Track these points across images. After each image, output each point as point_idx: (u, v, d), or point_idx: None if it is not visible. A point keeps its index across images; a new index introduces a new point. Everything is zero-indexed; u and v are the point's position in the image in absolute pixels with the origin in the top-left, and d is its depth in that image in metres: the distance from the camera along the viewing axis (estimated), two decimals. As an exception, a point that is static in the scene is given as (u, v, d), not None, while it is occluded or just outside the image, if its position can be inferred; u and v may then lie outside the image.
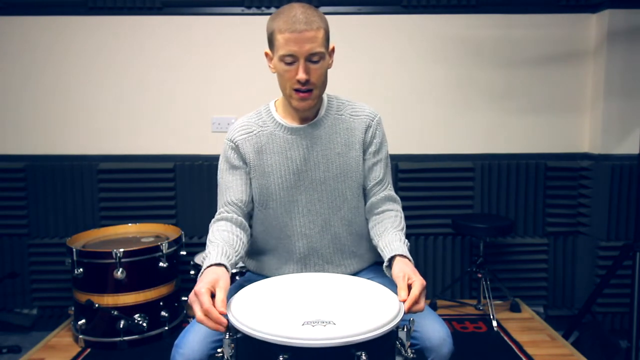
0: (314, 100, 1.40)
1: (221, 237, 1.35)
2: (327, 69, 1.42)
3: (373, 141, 1.51)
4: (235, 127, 1.51)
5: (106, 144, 2.87)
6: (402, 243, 1.38)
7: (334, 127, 1.48)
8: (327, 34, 1.38)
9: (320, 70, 1.37)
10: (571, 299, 2.96)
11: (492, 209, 2.90)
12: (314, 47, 1.32)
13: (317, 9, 1.38)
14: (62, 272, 2.77)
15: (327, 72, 1.42)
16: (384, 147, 1.55)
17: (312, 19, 1.32)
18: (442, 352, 1.29)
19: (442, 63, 2.83)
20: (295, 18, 1.31)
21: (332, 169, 1.47)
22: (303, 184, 1.47)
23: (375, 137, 1.51)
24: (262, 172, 1.47)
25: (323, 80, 1.40)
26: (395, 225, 1.46)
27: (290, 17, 1.31)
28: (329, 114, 1.49)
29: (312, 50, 1.32)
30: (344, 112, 1.51)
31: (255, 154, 1.47)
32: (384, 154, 1.55)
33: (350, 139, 1.48)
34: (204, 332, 1.31)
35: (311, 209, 1.48)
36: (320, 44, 1.34)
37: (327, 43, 1.39)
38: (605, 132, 2.76)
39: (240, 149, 1.48)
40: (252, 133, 1.48)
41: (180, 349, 1.30)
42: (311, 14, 1.33)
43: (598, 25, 2.77)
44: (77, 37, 2.80)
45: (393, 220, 1.48)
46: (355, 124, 1.49)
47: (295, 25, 1.30)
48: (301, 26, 1.30)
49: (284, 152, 1.46)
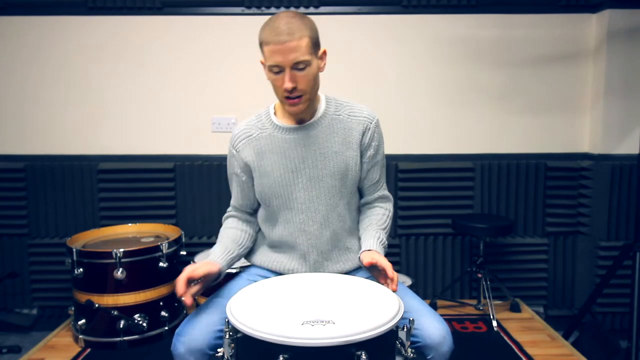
0: (304, 104, 1.45)
1: (227, 234, 1.58)
2: (318, 73, 1.46)
3: (371, 144, 1.54)
4: (236, 131, 1.59)
5: (106, 144, 2.87)
6: (377, 242, 1.48)
7: (331, 126, 1.52)
8: (314, 40, 1.40)
9: (307, 77, 1.40)
10: (571, 299, 2.96)
11: (492, 209, 2.90)
12: (297, 57, 1.36)
13: (303, 15, 1.41)
14: (62, 272, 2.77)
15: (317, 76, 1.46)
16: (382, 149, 1.59)
17: (294, 29, 1.35)
18: (442, 350, 1.30)
19: (442, 63, 2.83)
20: (279, 29, 1.34)
21: (329, 166, 1.51)
22: (301, 181, 1.51)
23: (374, 140, 1.54)
24: (264, 172, 1.53)
25: (312, 85, 1.44)
26: (380, 224, 1.56)
27: (274, 29, 1.35)
28: (327, 115, 1.53)
29: (296, 59, 1.36)
30: (342, 112, 1.54)
31: (256, 157, 1.54)
32: (381, 156, 1.59)
33: (348, 139, 1.52)
34: (205, 321, 1.36)
35: (310, 206, 1.52)
36: (305, 52, 1.37)
37: (315, 49, 1.42)
38: (605, 132, 2.76)
39: (241, 154, 1.56)
40: (252, 137, 1.55)
41: (182, 337, 1.34)
42: (295, 23, 1.36)
43: (598, 25, 2.77)
44: (77, 37, 2.80)
45: (379, 217, 1.58)
46: (353, 124, 1.53)
47: (278, 37, 1.34)
48: (284, 37, 1.34)
49: (283, 152, 1.51)
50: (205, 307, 1.44)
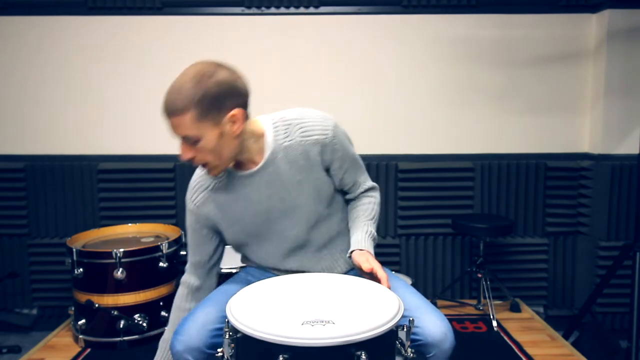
0: (218, 169, 1.33)
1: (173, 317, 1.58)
2: (226, 139, 1.27)
3: (334, 158, 1.42)
4: (192, 184, 1.49)
5: (106, 144, 2.87)
6: (367, 236, 1.44)
7: (287, 157, 1.38)
8: (203, 111, 1.21)
9: (203, 150, 1.26)
10: (571, 299, 2.96)
11: (492, 209, 2.90)
12: (182, 132, 1.24)
13: (203, 77, 1.21)
14: (62, 272, 2.77)
15: (222, 144, 1.27)
16: (348, 153, 1.45)
17: (178, 102, 1.21)
18: (444, 348, 1.28)
19: (442, 63, 2.83)
20: (165, 98, 1.23)
21: (298, 196, 1.42)
22: (275, 216, 1.44)
23: (335, 153, 1.41)
24: (232, 221, 1.45)
25: (215, 156, 1.28)
26: (367, 214, 1.50)
27: (165, 95, 1.24)
28: (278, 146, 1.38)
29: (182, 134, 1.25)
30: (294, 136, 1.38)
31: (219, 210, 1.45)
32: (350, 159, 1.46)
33: (308, 163, 1.40)
34: (202, 320, 1.36)
35: (289, 235, 1.46)
36: (189, 127, 1.22)
37: (208, 119, 1.22)
38: (605, 132, 2.76)
39: (201, 210, 1.46)
40: (209, 188, 1.45)
41: (180, 335, 1.34)
42: (183, 92, 1.20)
43: (598, 25, 2.77)
44: (77, 37, 2.80)
45: (366, 207, 1.52)
46: (309, 146, 1.38)
47: (163, 109, 1.24)
48: (166, 111, 1.24)
49: (246, 197, 1.42)
50: (204, 305, 1.43)
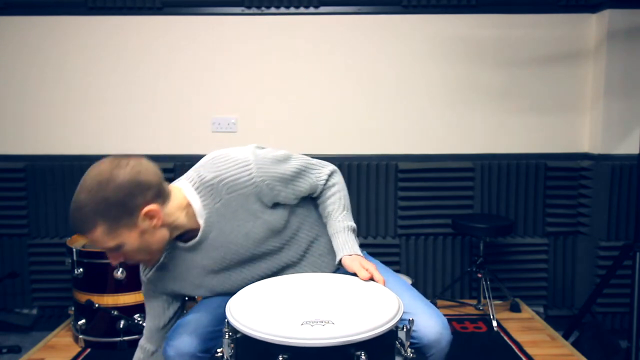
0: (152, 261, 1.32)
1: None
2: (147, 235, 1.20)
3: (275, 193, 1.31)
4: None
5: (106, 144, 2.86)
6: (346, 234, 1.37)
7: (224, 216, 1.29)
8: (113, 220, 1.15)
9: (127, 254, 1.22)
10: (571, 299, 2.96)
11: (492, 209, 2.90)
12: (101, 245, 1.19)
13: (94, 191, 1.13)
14: (62, 272, 2.77)
15: (145, 241, 1.21)
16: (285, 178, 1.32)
17: (81, 221, 1.15)
18: (442, 345, 1.29)
19: (442, 63, 2.83)
20: (70, 218, 1.17)
21: (252, 246, 1.34)
22: (236, 271, 1.39)
23: (273, 189, 1.30)
24: (192, 287, 1.41)
25: (143, 253, 1.24)
26: (338, 209, 1.41)
27: (70, 212, 1.17)
28: (211, 210, 1.29)
29: (102, 247, 1.20)
30: (222, 195, 1.28)
31: (174, 281, 1.40)
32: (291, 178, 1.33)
33: (249, 212, 1.30)
34: (194, 325, 1.34)
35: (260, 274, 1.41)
36: (105, 240, 1.17)
37: (120, 225, 1.16)
38: (605, 132, 2.76)
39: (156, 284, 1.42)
40: (157, 265, 1.39)
41: (171, 341, 1.33)
42: (81, 213, 1.14)
43: (598, 25, 2.77)
44: (77, 37, 2.80)
45: (333, 200, 1.42)
46: (241, 199, 1.28)
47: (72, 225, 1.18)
48: (75, 231, 1.19)
49: (198, 265, 1.36)
50: (196, 309, 1.42)
